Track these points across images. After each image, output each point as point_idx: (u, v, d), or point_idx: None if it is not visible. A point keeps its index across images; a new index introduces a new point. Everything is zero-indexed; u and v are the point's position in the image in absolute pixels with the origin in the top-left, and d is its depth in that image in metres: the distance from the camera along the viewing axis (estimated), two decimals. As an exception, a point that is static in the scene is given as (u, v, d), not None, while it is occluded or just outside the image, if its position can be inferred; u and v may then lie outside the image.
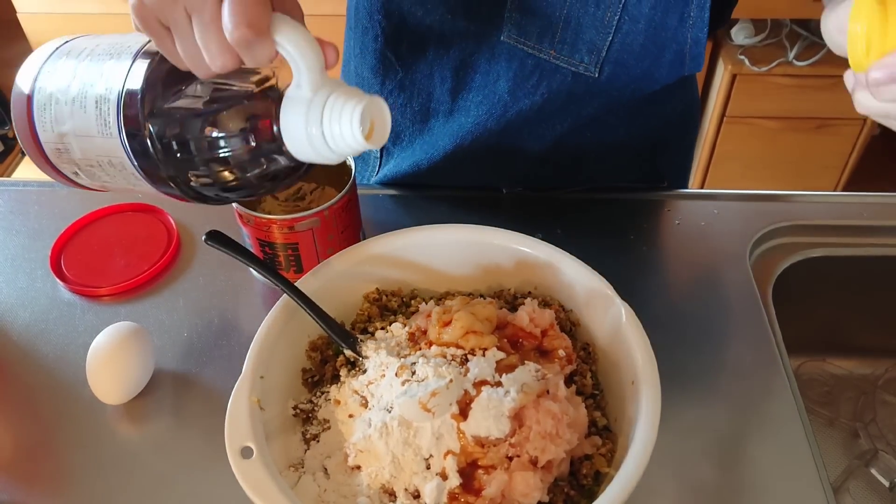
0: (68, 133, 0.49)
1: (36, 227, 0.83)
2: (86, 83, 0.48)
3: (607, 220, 0.83)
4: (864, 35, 0.45)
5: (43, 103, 0.49)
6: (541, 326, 0.59)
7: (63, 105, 0.48)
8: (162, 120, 0.46)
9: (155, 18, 0.44)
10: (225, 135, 0.46)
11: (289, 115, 0.45)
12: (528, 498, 0.50)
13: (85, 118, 0.47)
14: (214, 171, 0.47)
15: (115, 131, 0.46)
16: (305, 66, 0.44)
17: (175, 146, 0.46)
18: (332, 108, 0.45)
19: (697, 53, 0.71)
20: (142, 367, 0.65)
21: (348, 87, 0.47)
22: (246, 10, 0.42)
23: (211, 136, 0.46)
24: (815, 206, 0.84)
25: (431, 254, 0.65)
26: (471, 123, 0.78)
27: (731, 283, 0.75)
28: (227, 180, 0.48)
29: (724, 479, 0.60)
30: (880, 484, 0.76)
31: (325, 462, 0.55)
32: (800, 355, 0.88)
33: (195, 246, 0.80)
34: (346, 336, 0.59)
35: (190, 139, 0.46)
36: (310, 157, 0.47)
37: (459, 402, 0.52)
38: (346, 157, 0.46)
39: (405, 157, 0.85)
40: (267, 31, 0.43)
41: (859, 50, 0.46)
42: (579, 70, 0.72)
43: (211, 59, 0.43)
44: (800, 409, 0.64)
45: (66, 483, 0.61)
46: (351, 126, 0.45)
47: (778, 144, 1.99)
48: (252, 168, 0.48)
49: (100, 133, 0.47)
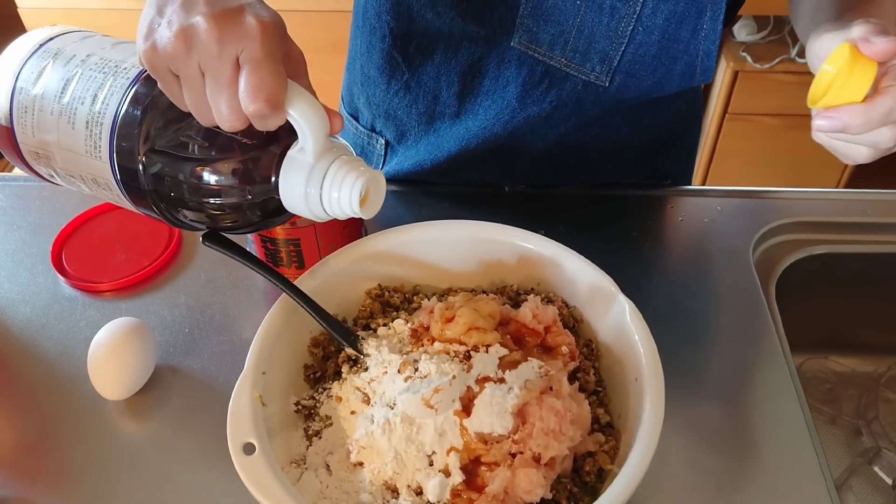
0: (52, 143, 0.48)
1: (37, 222, 0.83)
2: (75, 98, 0.47)
3: (610, 217, 0.82)
4: (831, 78, 0.51)
5: (24, 105, 0.48)
6: (544, 323, 0.59)
7: (48, 115, 0.47)
8: (158, 158, 0.46)
9: (165, 66, 0.43)
10: (222, 183, 0.46)
11: (290, 174, 0.46)
12: (531, 495, 0.50)
13: (73, 135, 0.47)
14: (206, 211, 0.47)
15: (105, 157, 0.46)
16: (311, 134, 0.45)
17: (168, 185, 0.46)
18: (335, 177, 0.46)
19: (708, 66, 0.71)
20: (143, 362, 0.65)
21: (350, 155, 0.48)
22: (264, 83, 0.41)
23: (207, 182, 0.46)
24: (817, 202, 0.84)
25: (434, 250, 0.65)
26: (477, 127, 0.78)
27: (733, 279, 0.75)
28: (216, 220, 0.49)
29: (728, 476, 0.60)
30: (883, 481, 0.76)
31: (328, 458, 0.55)
32: (802, 352, 0.88)
33: (196, 241, 0.80)
34: (347, 334, 0.59)
35: (185, 182, 0.46)
36: (301, 213, 0.48)
37: (462, 398, 0.52)
38: (336, 218, 0.48)
39: (409, 156, 0.85)
40: (283, 105, 0.43)
41: (820, 88, 0.52)
42: (590, 79, 0.71)
43: (219, 118, 0.43)
44: (802, 407, 0.64)
45: (68, 479, 0.61)
46: (350, 196, 0.46)
47: (780, 141, 1.99)
48: (243, 213, 0.48)
49: (88, 154, 0.47)
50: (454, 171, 0.82)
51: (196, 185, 0.45)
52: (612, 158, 0.84)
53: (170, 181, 0.46)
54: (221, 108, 0.42)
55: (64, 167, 0.49)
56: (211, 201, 0.46)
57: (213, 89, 0.42)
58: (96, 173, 0.47)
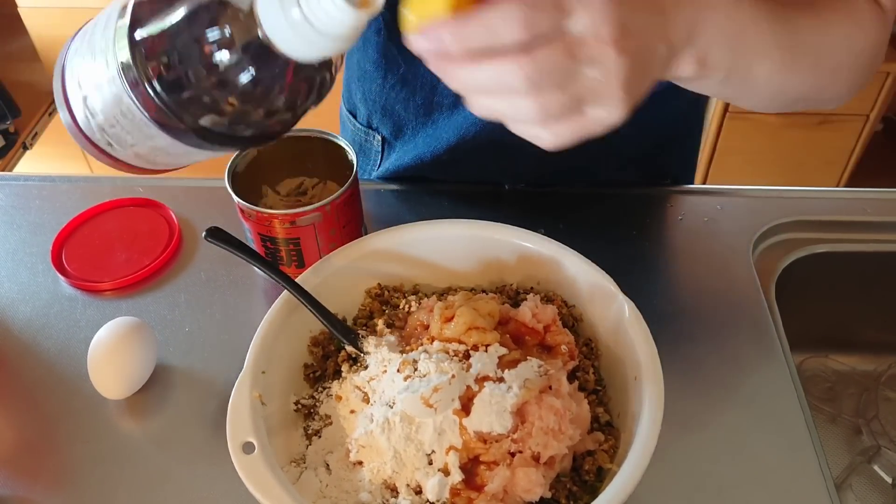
0: (87, 90, 0.46)
1: (37, 221, 0.83)
2: (95, 32, 0.45)
3: (610, 216, 0.82)
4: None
5: (69, 73, 0.47)
6: (543, 322, 0.59)
7: (83, 60, 0.46)
8: (147, 39, 0.41)
9: None
10: (204, 39, 0.40)
11: (264, 4, 0.39)
12: (531, 494, 0.50)
13: (94, 67, 0.44)
14: (210, 91, 0.42)
15: (113, 72, 0.43)
16: None
17: (164, 68, 0.41)
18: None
19: None
20: (143, 361, 0.65)
21: None
22: None
23: (192, 42, 0.40)
24: (818, 201, 0.84)
25: (433, 249, 0.65)
26: (475, 116, 0.78)
27: (733, 278, 0.75)
28: (230, 105, 0.42)
29: (727, 475, 0.60)
30: (883, 480, 0.76)
31: (327, 457, 0.55)
32: (802, 351, 0.88)
33: (197, 240, 0.80)
34: (347, 332, 0.59)
35: (173, 50, 0.41)
36: (303, 50, 0.40)
37: (462, 397, 0.52)
38: (344, 42, 0.39)
39: (407, 151, 0.85)
40: None
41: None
42: None
43: None
44: (802, 406, 0.64)
45: (68, 478, 0.61)
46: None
47: (780, 140, 1.99)
48: (251, 82, 0.41)
49: (107, 80, 0.44)
50: (453, 164, 0.82)
51: (184, 51, 0.40)
52: (612, 157, 0.84)
53: (167, 62, 0.41)
54: None
55: (104, 116, 0.46)
56: (205, 67, 0.40)
57: None
58: (119, 99, 0.43)
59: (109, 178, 0.88)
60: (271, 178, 0.76)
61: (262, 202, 0.76)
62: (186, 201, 0.85)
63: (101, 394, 0.64)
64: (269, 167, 0.75)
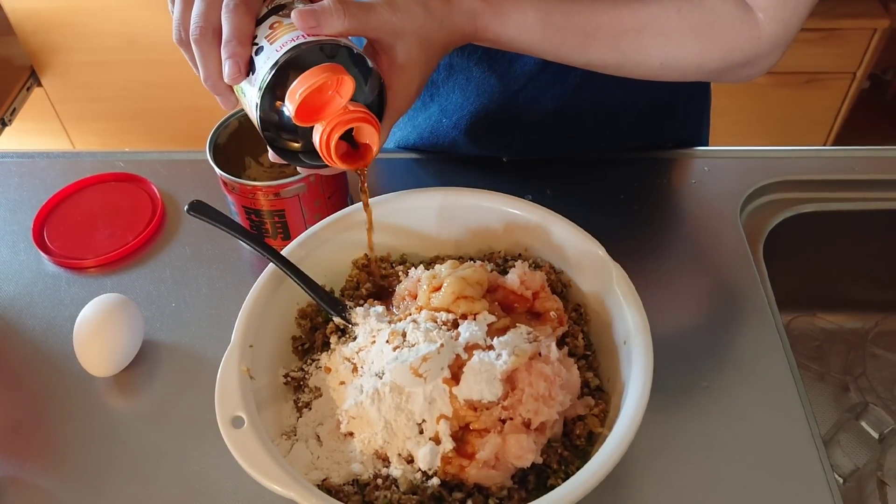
0: None
1: (17, 199, 0.82)
2: None
3: (597, 181, 0.82)
4: None
5: None
6: (532, 289, 0.58)
7: None
8: None
9: None
10: None
11: None
12: (522, 460, 0.50)
13: None
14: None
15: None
16: None
17: None
18: None
19: None
20: (130, 338, 0.64)
21: None
22: None
23: None
24: (805, 161, 0.83)
25: (420, 218, 0.64)
26: (471, 92, 0.77)
27: (721, 239, 0.75)
28: None
29: (717, 434, 0.60)
30: (870, 436, 0.77)
31: (318, 429, 0.55)
32: (790, 310, 0.89)
33: (180, 215, 0.79)
34: (335, 303, 0.59)
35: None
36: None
37: (451, 366, 0.52)
38: None
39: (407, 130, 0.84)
40: None
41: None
42: None
43: None
44: (791, 364, 0.65)
45: (57, 456, 0.60)
46: None
47: (767, 100, 1.98)
48: None
49: None
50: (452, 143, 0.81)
51: None
52: (608, 123, 0.82)
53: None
54: None
55: None
56: None
57: None
58: None
59: (90, 153, 0.87)
60: (254, 149, 0.75)
61: (245, 174, 0.75)
62: (168, 175, 0.83)
63: (88, 371, 0.64)
64: (252, 138, 0.73)
